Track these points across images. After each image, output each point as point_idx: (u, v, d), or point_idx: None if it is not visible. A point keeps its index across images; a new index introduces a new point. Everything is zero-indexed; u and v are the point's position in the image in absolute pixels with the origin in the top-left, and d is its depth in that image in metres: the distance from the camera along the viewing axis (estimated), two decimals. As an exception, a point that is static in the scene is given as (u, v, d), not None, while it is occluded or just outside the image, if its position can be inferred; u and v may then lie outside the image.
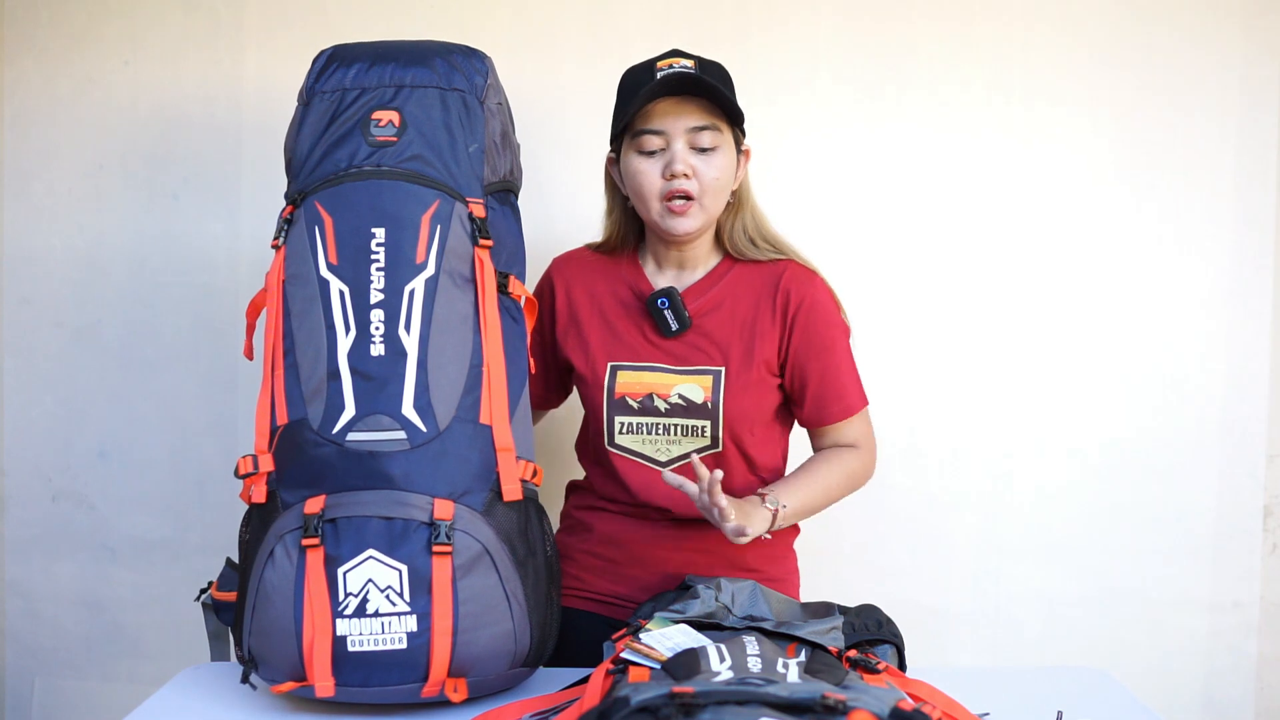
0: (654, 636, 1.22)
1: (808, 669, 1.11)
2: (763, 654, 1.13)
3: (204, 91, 2.06)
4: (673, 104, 1.47)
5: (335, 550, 1.20)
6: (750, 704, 0.93)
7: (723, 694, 0.95)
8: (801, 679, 1.07)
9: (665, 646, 1.19)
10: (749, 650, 1.14)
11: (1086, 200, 2.03)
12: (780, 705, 0.93)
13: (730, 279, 1.57)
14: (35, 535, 2.13)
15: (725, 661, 1.11)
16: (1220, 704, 2.07)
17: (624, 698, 0.96)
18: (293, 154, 1.37)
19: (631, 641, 1.21)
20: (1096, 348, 2.04)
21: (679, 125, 1.47)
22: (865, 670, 1.20)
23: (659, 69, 1.47)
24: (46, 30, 2.07)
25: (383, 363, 1.25)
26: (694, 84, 1.45)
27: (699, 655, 1.11)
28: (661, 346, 1.55)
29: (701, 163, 1.48)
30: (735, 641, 1.16)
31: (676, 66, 1.47)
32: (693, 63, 1.48)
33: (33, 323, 2.11)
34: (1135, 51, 2.01)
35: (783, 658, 1.14)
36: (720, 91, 1.45)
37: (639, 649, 1.19)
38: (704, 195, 1.48)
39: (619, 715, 0.93)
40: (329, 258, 1.28)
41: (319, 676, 1.18)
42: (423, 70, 1.35)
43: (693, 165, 1.47)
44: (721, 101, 1.46)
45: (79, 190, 2.08)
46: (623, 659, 1.19)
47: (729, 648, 1.13)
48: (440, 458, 1.24)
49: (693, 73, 1.45)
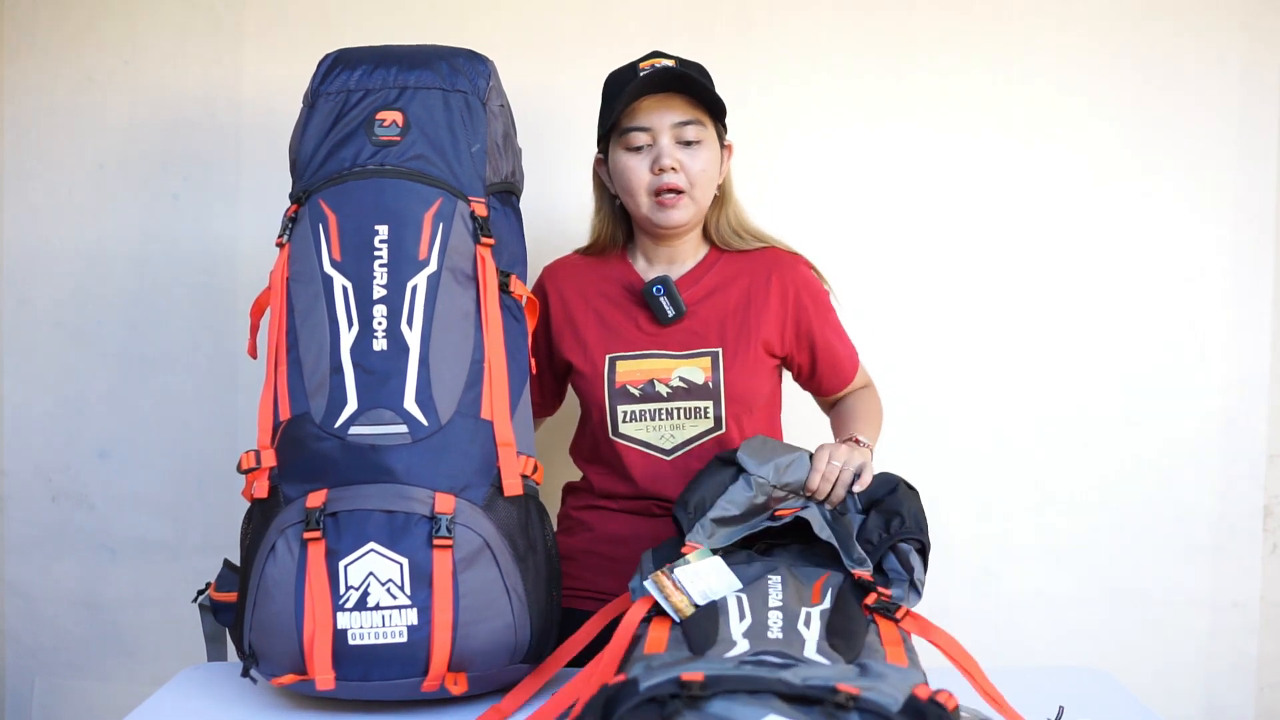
0: (688, 572, 1.22)
1: (829, 630, 1.10)
2: (785, 604, 1.13)
3: (204, 91, 2.06)
4: (657, 101, 1.51)
5: (336, 543, 1.20)
6: (761, 693, 0.92)
7: (733, 681, 0.93)
8: (819, 651, 1.06)
9: (696, 589, 1.19)
10: (771, 601, 1.14)
11: (1086, 199, 2.03)
12: (791, 696, 0.92)
13: (720, 267, 1.61)
14: (35, 535, 2.13)
15: (745, 620, 1.11)
16: (1220, 704, 2.07)
17: (633, 680, 0.95)
18: (297, 154, 1.39)
19: (664, 574, 1.21)
20: (1096, 347, 2.04)
21: (664, 121, 1.51)
22: (884, 616, 1.18)
23: (641, 69, 1.51)
24: (46, 30, 2.07)
25: (385, 357, 1.26)
26: (676, 79, 1.49)
27: (718, 617, 1.11)
28: (657, 335, 1.57)
29: (687, 157, 1.52)
30: (759, 588, 1.16)
31: (659, 65, 1.51)
32: (673, 62, 1.52)
33: (33, 323, 2.11)
34: (1136, 50, 2.02)
35: (806, 608, 1.14)
36: (702, 86, 1.50)
37: (664, 585, 1.19)
38: (693, 188, 1.53)
39: (627, 706, 0.91)
40: (333, 254, 1.30)
41: (319, 670, 1.18)
42: (426, 73, 1.37)
43: (679, 159, 1.51)
44: (704, 96, 1.51)
45: (79, 190, 2.08)
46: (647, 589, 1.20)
47: (751, 598, 1.13)
48: (441, 452, 1.24)
49: (675, 68, 1.50)
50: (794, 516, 1.33)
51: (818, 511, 1.35)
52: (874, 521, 1.34)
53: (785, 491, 1.37)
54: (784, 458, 1.39)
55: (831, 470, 1.38)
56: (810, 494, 1.38)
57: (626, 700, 0.92)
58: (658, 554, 1.32)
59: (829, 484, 1.38)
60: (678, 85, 1.50)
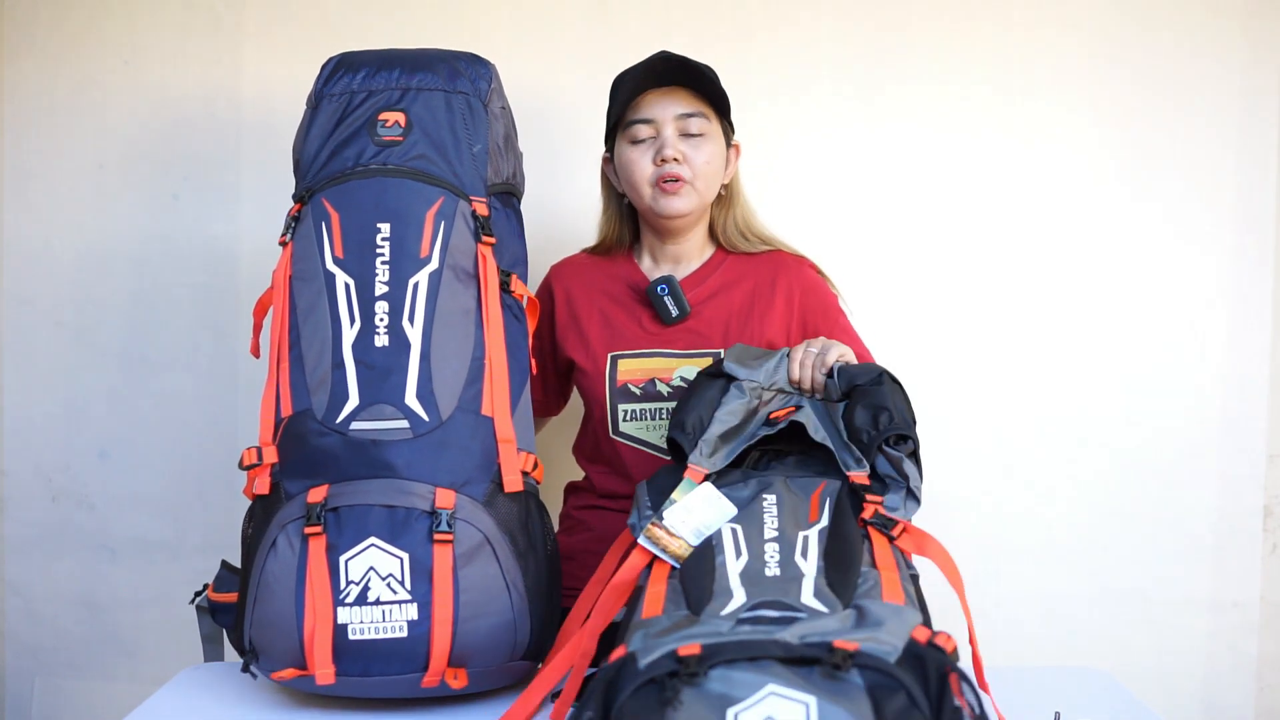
0: (675, 513, 1.21)
1: (826, 559, 1.10)
2: (781, 531, 1.13)
3: (204, 91, 2.06)
4: (660, 93, 1.52)
5: (337, 538, 1.21)
6: (760, 659, 0.91)
7: (730, 649, 0.93)
8: (816, 594, 1.04)
9: (689, 528, 1.19)
10: (767, 531, 1.14)
11: (1086, 200, 2.04)
12: (788, 660, 0.91)
13: (725, 269, 1.61)
14: (35, 535, 2.13)
15: (741, 558, 1.11)
16: (1220, 704, 2.07)
17: (632, 657, 0.95)
18: (300, 155, 1.40)
19: (655, 525, 1.20)
20: (1096, 347, 2.04)
21: (667, 113, 1.52)
22: (880, 531, 1.17)
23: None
24: (46, 30, 2.07)
25: (386, 353, 1.26)
26: (678, 69, 1.51)
27: (714, 559, 1.11)
28: (660, 335, 1.57)
29: (691, 149, 1.52)
30: (754, 514, 1.15)
31: (662, 55, 1.52)
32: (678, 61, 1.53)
33: (33, 323, 2.11)
34: (1135, 52, 2.02)
35: (803, 531, 1.14)
36: (705, 77, 1.51)
37: (658, 537, 1.19)
38: (696, 179, 1.53)
39: (626, 691, 0.91)
40: (335, 252, 1.31)
41: (319, 665, 1.19)
42: (428, 75, 1.38)
43: (682, 151, 1.52)
44: (707, 89, 1.52)
45: (79, 190, 2.09)
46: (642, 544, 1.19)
47: (746, 529, 1.13)
48: (442, 447, 1.25)
49: (677, 57, 1.51)
50: (789, 420, 1.30)
51: (811, 412, 1.32)
52: (861, 417, 1.29)
53: (775, 392, 1.35)
54: (770, 360, 1.37)
55: (809, 355, 1.36)
56: (794, 383, 1.36)
57: (627, 683, 0.92)
58: (652, 485, 1.31)
59: (808, 369, 1.35)
60: (680, 77, 1.51)
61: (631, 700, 0.91)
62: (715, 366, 1.38)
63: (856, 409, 1.29)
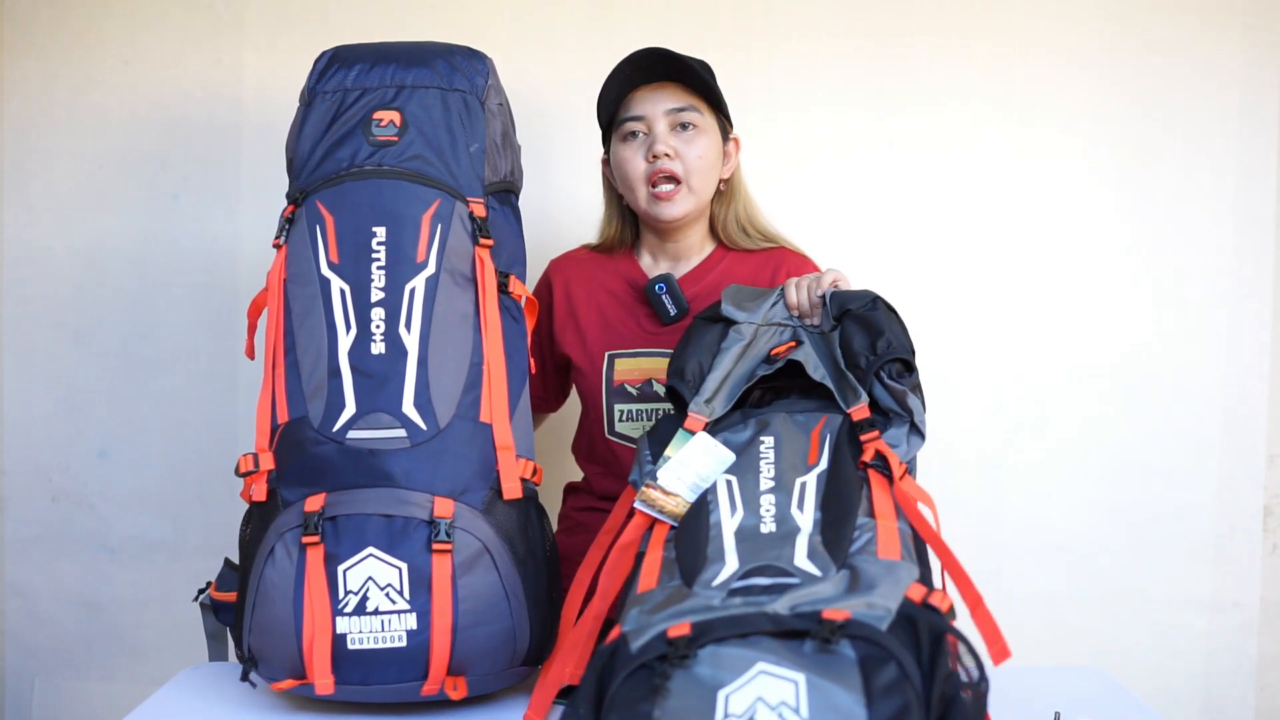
0: (671, 469, 1.20)
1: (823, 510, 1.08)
2: (778, 479, 1.11)
3: (204, 91, 2.06)
4: (650, 90, 1.50)
5: (335, 548, 1.20)
6: (750, 635, 0.91)
7: (720, 626, 0.92)
8: (810, 555, 1.03)
9: (685, 484, 1.18)
10: (763, 481, 1.12)
11: (1086, 200, 2.03)
12: (778, 633, 0.91)
13: (725, 266, 1.59)
14: (35, 535, 2.13)
15: (736, 514, 1.10)
16: (1220, 704, 2.07)
17: (624, 639, 0.94)
18: (294, 154, 1.38)
19: (649, 486, 1.19)
20: (1096, 348, 2.04)
21: (658, 108, 1.50)
22: (879, 473, 1.15)
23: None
24: (46, 30, 2.07)
25: (383, 361, 1.25)
26: (666, 63, 1.48)
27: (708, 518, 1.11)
28: (658, 334, 1.56)
29: (683, 144, 1.50)
30: (750, 460, 1.14)
31: (648, 49, 1.50)
32: None
33: (33, 323, 2.11)
34: (1135, 53, 2.01)
35: (800, 477, 1.12)
36: (694, 71, 1.48)
37: (654, 499, 1.18)
38: (690, 176, 1.50)
39: (619, 678, 0.91)
40: (330, 256, 1.29)
41: (319, 674, 1.18)
42: (424, 71, 1.36)
43: (674, 146, 1.50)
44: (697, 83, 1.49)
45: (79, 190, 2.08)
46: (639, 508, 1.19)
47: (742, 480, 1.12)
48: (440, 455, 1.24)
49: (665, 52, 1.48)
50: (787, 360, 1.28)
51: (811, 349, 1.28)
52: (859, 342, 1.25)
53: (773, 326, 1.33)
54: (767, 299, 1.35)
55: (804, 279, 1.35)
56: (791, 308, 1.34)
57: (620, 668, 0.91)
58: (653, 436, 1.29)
59: (803, 291, 1.34)
60: (669, 71, 1.49)
61: (623, 688, 0.90)
62: (712, 310, 1.35)
63: (853, 334, 1.26)
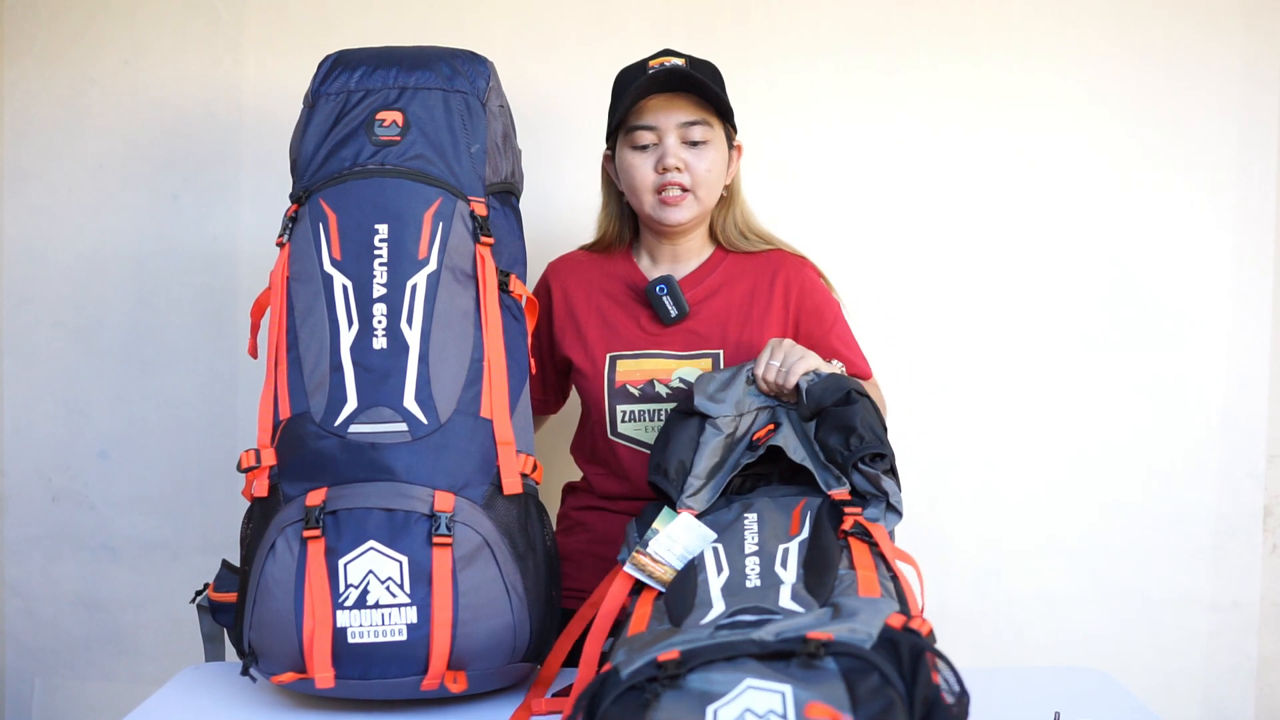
0: (661, 541, 1.23)
1: (804, 567, 1.11)
2: (761, 546, 1.14)
3: (204, 91, 2.06)
4: (664, 100, 1.51)
5: (336, 542, 1.20)
6: (737, 658, 0.92)
7: (708, 651, 0.94)
8: (794, 597, 1.06)
9: (673, 555, 1.21)
10: (748, 546, 1.15)
11: (1086, 198, 2.03)
12: (764, 655, 0.93)
13: (724, 268, 1.60)
14: (35, 535, 2.13)
15: (723, 574, 1.12)
16: (1220, 704, 2.07)
17: (615, 670, 0.96)
18: (298, 154, 1.39)
19: (640, 552, 1.23)
20: (1096, 347, 2.04)
21: (670, 120, 1.50)
22: (859, 539, 1.18)
23: (650, 67, 1.51)
24: (46, 30, 2.07)
25: (385, 356, 1.26)
26: (683, 80, 1.49)
27: (696, 576, 1.13)
28: (659, 335, 1.57)
29: (693, 157, 1.51)
30: (735, 534, 1.16)
31: (668, 64, 1.50)
32: (683, 61, 1.52)
33: (33, 323, 2.11)
34: (1135, 50, 2.02)
35: (783, 544, 1.15)
36: (709, 87, 1.49)
37: (644, 564, 1.21)
38: (697, 188, 1.52)
39: (609, 698, 0.92)
40: (333, 253, 1.30)
41: (319, 668, 1.18)
42: (426, 73, 1.38)
43: (684, 159, 1.51)
44: (711, 97, 1.50)
45: (79, 190, 2.08)
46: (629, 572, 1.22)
47: (728, 547, 1.15)
48: (441, 450, 1.25)
49: (682, 69, 1.49)
50: (766, 447, 1.32)
51: (790, 431, 1.32)
52: (834, 439, 1.29)
53: (753, 412, 1.36)
54: (737, 383, 1.37)
55: (770, 370, 1.36)
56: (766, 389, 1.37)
57: (609, 693, 0.93)
58: (640, 521, 1.32)
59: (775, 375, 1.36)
60: (685, 85, 1.50)
61: (614, 706, 0.91)
62: (686, 404, 1.38)
63: (829, 430, 1.30)
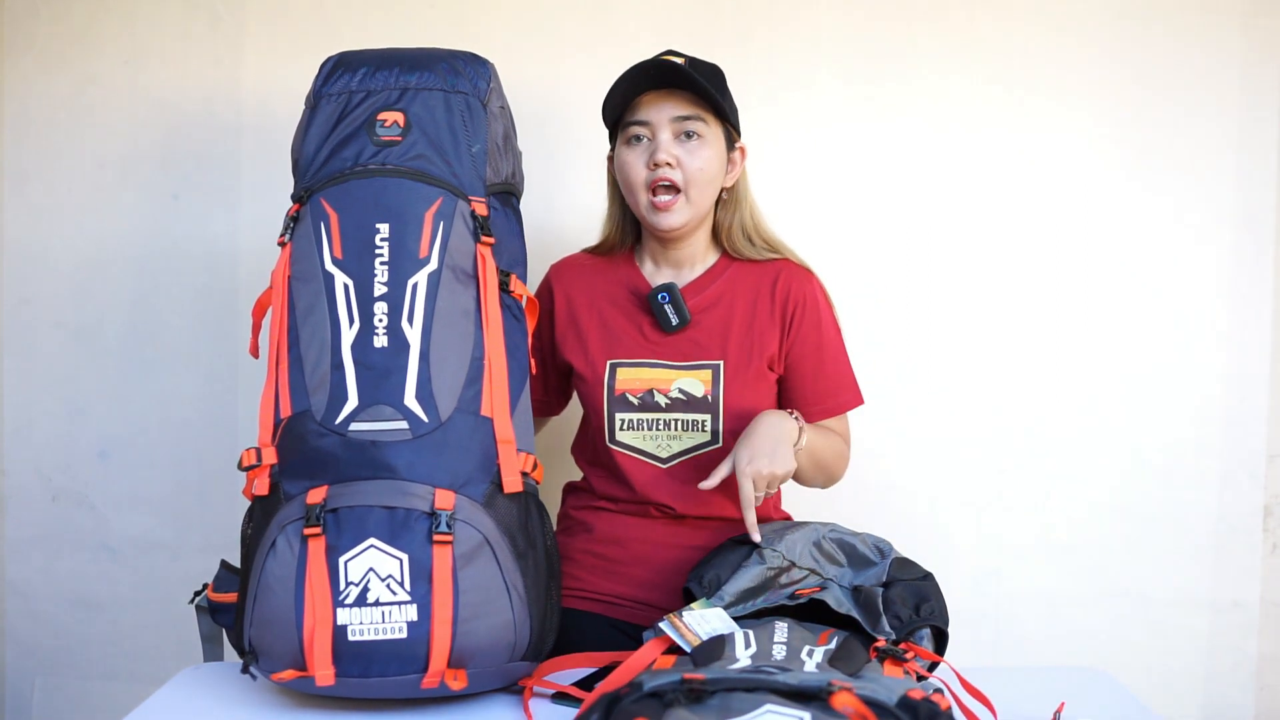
0: (694, 616, 1.25)
1: (832, 659, 1.12)
2: (789, 641, 1.14)
3: (204, 91, 2.06)
4: (658, 95, 1.50)
5: (336, 540, 1.20)
6: (758, 690, 0.93)
7: (731, 681, 0.95)
8: (819, 669, 1.07)
9: (702, 629, 1.23)
10: (776, 638, 1.16)
11: (1086, 199, 2.04)
12: (787, 693, 0.93)
13: (728, 276, 1.58)
14: (35, 535, 2.13)
15: (750, 649, 1.13)
16: (1220, 704, 2.07)
17: (638, 683, 0.96)
18: (299, 155, 1.39)
19: (674, 617, 1.24)
20: (1096, 347, 2.04)
21: (663, 115, 1.49)
22: (893, 659, 1.19)
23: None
24: (46, 30, 2.07)
25: (385, 354, 1.26)
26: (675, 74, 1.48)
27: (725, 642, 1.14)
28: (660, 343, 1.55)
29: (686, 153, 1.49)
30: (765, 627, 1.18)
31: (661, 60, 1.50)
32: (683, 60, 1.50)
33: (33, 323, 2.11)
34: (1135, 50, 2.02)
35: (810, 645, 1.15)
36: (702, 83, 1.47)
37: (680, 627, 1.23)
38: (689, 186, 1.50)
39: (629, 699, 0.93)
40: (334, 252, 1.30)
41: (319, 666, 1.18)
42: (427, 74, 1.38)
43: (676, 155, 1.49)
44: (705, 94, 1.48)
45: (79, 190, 2.08)
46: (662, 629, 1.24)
47: (757, 634, 1.16)
48: (442, 448, 1.25)
49: (677, 65, 1.48)
50: (809, 599, 1.32)
51: (837, 592, 1.34)
52: (905, 599, 1.32)
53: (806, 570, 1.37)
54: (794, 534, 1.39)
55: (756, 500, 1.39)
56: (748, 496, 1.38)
57: (631, 695, 0.94)
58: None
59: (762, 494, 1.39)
60: (679, 81, 1.48)
61: (633, 706, 0.92)
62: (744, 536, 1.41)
63: (902, 594, 1.32)
